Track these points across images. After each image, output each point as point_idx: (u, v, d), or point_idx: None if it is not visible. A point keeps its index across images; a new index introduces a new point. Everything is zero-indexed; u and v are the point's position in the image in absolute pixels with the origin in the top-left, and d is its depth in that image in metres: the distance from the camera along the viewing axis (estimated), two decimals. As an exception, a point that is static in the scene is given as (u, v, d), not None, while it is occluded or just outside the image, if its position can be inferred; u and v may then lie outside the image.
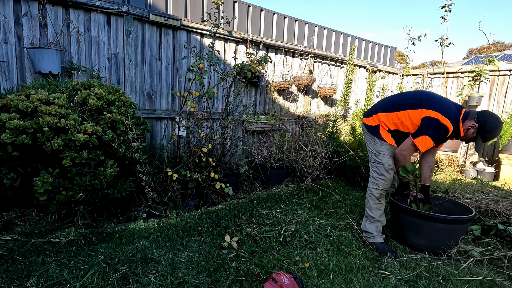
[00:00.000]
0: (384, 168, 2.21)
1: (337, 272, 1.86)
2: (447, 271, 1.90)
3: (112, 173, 2.16)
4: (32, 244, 1.92)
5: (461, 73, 5.35)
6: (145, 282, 1.66)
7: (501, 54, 9.03)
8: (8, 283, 1.55)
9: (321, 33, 5.49)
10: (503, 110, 4.84)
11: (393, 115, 2.17)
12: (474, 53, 20.84)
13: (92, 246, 1.97)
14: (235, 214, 2.62)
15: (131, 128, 2.35)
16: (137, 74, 3.19)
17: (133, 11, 3.00)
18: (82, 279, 1.63)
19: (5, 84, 2.53)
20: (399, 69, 6.12)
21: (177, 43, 3.41)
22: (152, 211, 2.55)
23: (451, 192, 3.19)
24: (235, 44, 3.90)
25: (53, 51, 2.54)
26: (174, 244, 2.09)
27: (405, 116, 2.11)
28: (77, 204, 2.19)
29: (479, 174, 4.59)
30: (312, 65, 4.74)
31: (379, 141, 2.22)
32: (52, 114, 1.99)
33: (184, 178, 2.71)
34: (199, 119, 3.05)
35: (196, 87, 3.49)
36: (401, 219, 2.22)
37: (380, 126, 2.23)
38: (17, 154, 1.95)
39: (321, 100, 5.05)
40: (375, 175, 2.25)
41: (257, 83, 4.09)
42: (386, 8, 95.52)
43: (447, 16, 4.51)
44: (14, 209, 2.35)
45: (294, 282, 1.48)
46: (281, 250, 2.10)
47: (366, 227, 2.26)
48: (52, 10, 2.67)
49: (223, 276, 1.76)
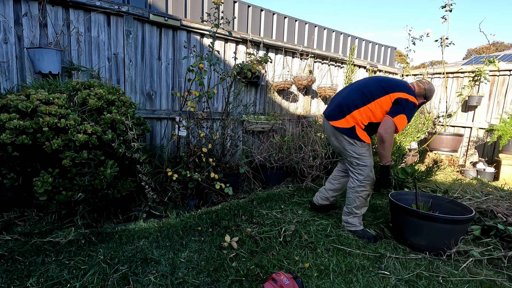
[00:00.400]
0: (369, 169, 2.24)
1: (337, 272, 1.86)
2: (447, 271, 1.90)
3: (112, 173, 2.16)
4: (32, 244, 1.92)
5: (461, 73, 5.35)
6: (145, 282, 1.66)
7: (501, 54, 9.03)
8: (8, 283, 1.55)
9: (321, 33, 5.49)
10: (503, 110, 4.84)
11: (365, 109, 2.16)
12: (474, 53, 20.84)
13: (92, 246, 1.97)
14: (235, 214, 2.62)
15: (131, 128, 2.35)
16: (137, 74, 3.19)
17: (133, 11, 3.00)
18: (82, 279, 1.63)
19: (5, 84, 2.53)
20: (399, 69, 6.12)
21: (177, 43, 3.41)
22: (152, 211, 2.55)
23: (451, 192, 3.19)
24: (235, 44, 3.90)
25: (53, 51, 2.54)
26: (174, 244, 2.09)
27: (376, 106, 2.14)
28: (77, 204, 2.19)
29: (479, 174, 4.59)
30: (312, 65, 4.74)
31: (359, 143, 2.19)
32: (52, 114, 1.99)
33: (184, 178, 2.71)
34: (199, 119, 3.05)
35: (196, 87, 3.49)
36: (401, 219, 2.22)
37: (356, 126, 2.18)
38: (17, 154, 1.95)
39: (321, 100, 5.05)
40: (361, 178, 2.26)
41: (257, 83, 4.09)
42: (385, 8, 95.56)
43: (448, 16, 4.51)
44: (14, 209, 2.35)
45: (294, 282, 1.48)
46: (281, 250, 2.10)
47: (349, 221, 2.37)
48: (52, 10, 2.67)
49: (223, 276, 1.76)
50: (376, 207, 3.02)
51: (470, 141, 5.21)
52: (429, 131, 5.36)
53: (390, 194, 2.39)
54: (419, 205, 2.35)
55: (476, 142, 5.14)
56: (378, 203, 3.13)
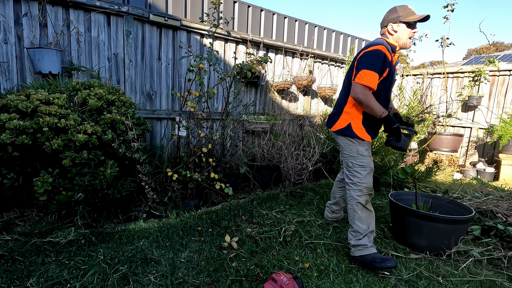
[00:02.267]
0: (366, 171, 1.99)
1: (337, 272, 1.86)
2: (447, 271, 1.90)
3: (112, 173, 2.16)
4: (32, 244, 1.92)
5: (461, 73, 5.35)
6: (145, 282, 1.66)
7: (501, 54, 9.03)
8: (8, 283, 1.55)
9: (321, 33, 5.49)
10: (503, 110, 4.84)
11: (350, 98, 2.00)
12: (474, 53, 20.83)
13: (92, 246, 1.97)
14: (235, 214, 2.62)
15: (131, 128, 2.35)
16: (137, 74, 3.19)
17: (133, 11, 3.00)
18: (82, 279, 1.63)
19: (5, 84, 2.53)
20: (399, 69, 6.12)
21: (177, 43, 3.41)
22: (152, 211, 2.55)
23: (451, 192, 3.20)
24: (235, 44, 3.90)
25: (53, 51, 2.54)
26: (174, 244, 2.09)
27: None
28: (77, 204, 2.19)
29: (479, 174, 4.59)
30: (312, 65, 4.74)
31: (357, 141, 2.01)
32: (52, 114, 1.99)
33: (184, 178, 2.71)
34: (199, 119, 3.05)
35: (196, 87, 3.49)
36: (401, 219, 2.22)
37: (351, 123, 2.02)
38: (17, 154, 1.95)
39: (321, 100, 5.05)
40: (356, 180, 2.00)
41: (257, 83, 4.09)
42: (385, 9, 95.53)
43: (450, 15, 4.50)
44: (14, 209, 2.35)
45: (294, 282, 1.48)
46: (281, 250, 2.10)
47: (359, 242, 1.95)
48: (52, 10, 2.67)
49: (223, 276, 1.76)
50: (376, 207, 3.02)
51: (470, 141, 5.21)
52: (429, 131, 5.36)
53: (390, 194, 2.39)
54: (419, 205, 2.34)
55: (476, 142, 5.14)
56: (378, 203, 3.13)
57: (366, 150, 2.03)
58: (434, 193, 3.17)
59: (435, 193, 3.03)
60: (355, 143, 2.02)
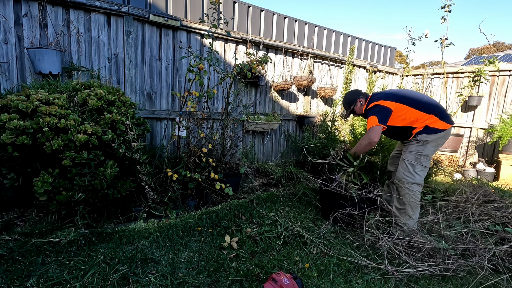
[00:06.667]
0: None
1: (337, 272, 1.86)
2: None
3: (112, 173, 2.16)
4: (32, 244, 1.92)
5: (461, 73, 5.36)
6: (145, 282, 1.66)
7: (501, 55, 9.03)
8: (8, 283, 1.55)
9: (321, 34, 5.49)
10: (503, 110, 4.84)
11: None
12: (475, 53, 20.86)
13: (92, 246, 1.98)
14: (235, 214, 2.62)
15: (131, 128, 2.35)
16: (137, 75, 3.19)
17: (133, 11, 3.00)
18: (82, 279, 1.63)
19: (5, 84, 2.53)
20: (399, 70, 6.12)
21: (177, 43, 3.41)
22: (152, 211, 2.55)
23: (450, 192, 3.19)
24: (235, 44, 3.90)
25: (53, 52, 2.54)
26: (174, 244, 2.09)
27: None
28: (77, 204, 2.19)
29: (479, 175, 4.59)
30: (312, 65, 4.74)
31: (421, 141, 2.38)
32: (52, 115, 1.99)
33: (184, 178, 2.71)
34: (199, 119, 3.05)
35: (196, 87, 3.49)
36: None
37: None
38: (17, 154, 1.95)
39: (321, 100, 5.05)
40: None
41: (257, 83, 4.09)
42: (385, 9, 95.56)
43: (447, 16, 4.52)
44: (14, 209, 2.35)
45: (294, 282, 1.48)
46: (281, 250, 2.10)
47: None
48: (52, 10, 2.67)
49: (223, 276, 1.76)
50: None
51: (470, 141, 5.21)
52: (429, 131, 5.34)
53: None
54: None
55: (476, 142, 5.14)
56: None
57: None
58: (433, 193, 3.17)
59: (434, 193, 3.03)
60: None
